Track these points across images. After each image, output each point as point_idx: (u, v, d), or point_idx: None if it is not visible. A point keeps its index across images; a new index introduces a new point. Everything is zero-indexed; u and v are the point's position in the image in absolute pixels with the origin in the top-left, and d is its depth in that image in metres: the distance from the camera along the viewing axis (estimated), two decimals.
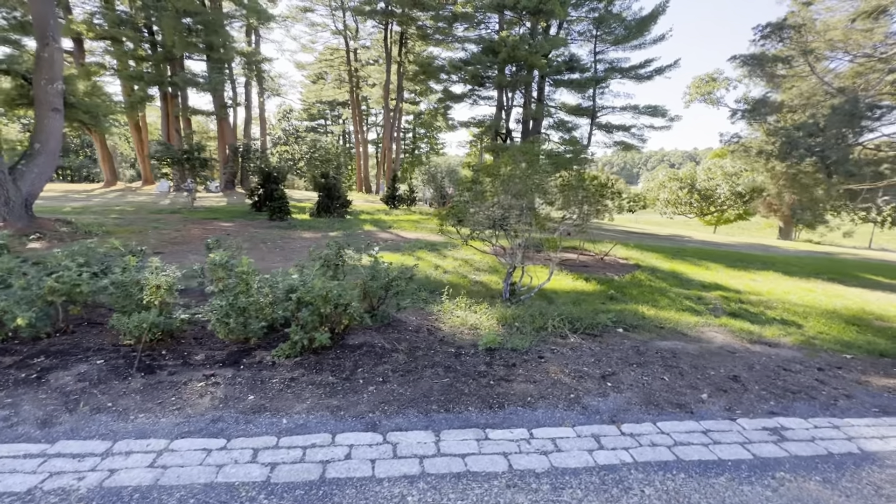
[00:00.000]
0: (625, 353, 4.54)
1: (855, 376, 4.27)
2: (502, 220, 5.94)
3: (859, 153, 6.55)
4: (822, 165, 6.31)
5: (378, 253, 9.85)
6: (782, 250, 20.22)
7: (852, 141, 5.89)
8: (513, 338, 4.72)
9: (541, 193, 5.92)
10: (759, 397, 3.55)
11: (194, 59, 28.16)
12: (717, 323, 6.16)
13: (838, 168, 6.22)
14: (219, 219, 14.46)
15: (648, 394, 3.48)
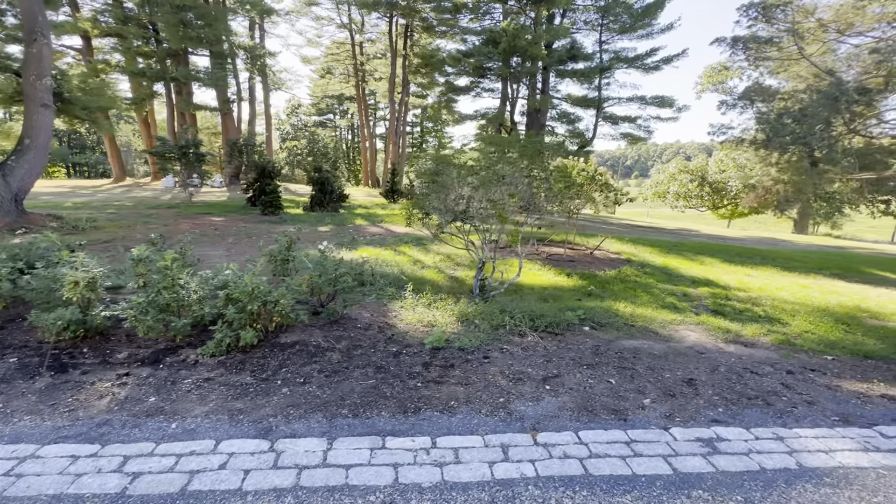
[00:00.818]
0: (580, 354, 4.30)
1: (827, 380, 3.96)
2: (464, 213, 5.71)
3: (848, 140, 6.07)
4: (805, 153, 5.89)
5: (361, 248, 9.68)
6: (792, 244, 19.49)
7: (840, 128, 5.46)
8: (464, 336, 4.52)
9: (507, 186, 5.67)
10: (708, 403, 3.28)
11: (198, 54, 28.35)
12: (694, 321, 5.86)
13: (822, 156, 5.79)
14: (212, 214, 14.48)
15: (587, 398, 3.25)
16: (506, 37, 19.85)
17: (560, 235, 11.96)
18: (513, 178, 5.55)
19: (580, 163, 8.68)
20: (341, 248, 9.76)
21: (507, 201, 5.50)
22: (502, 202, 5.46)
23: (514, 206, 5.82)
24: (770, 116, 6.51)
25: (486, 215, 5.66)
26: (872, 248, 20.18)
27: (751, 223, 53.18)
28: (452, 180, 5.61)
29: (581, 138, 28.28)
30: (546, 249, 10.43)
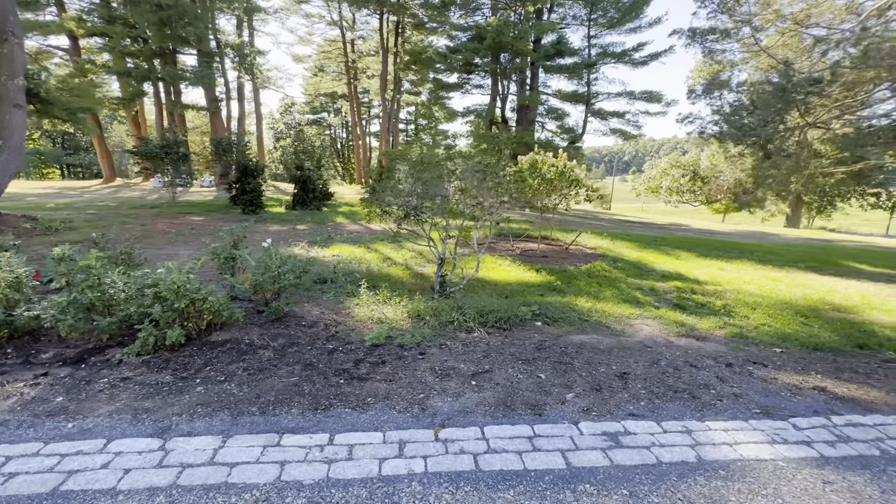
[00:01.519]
0: (522, 349, 4.28)
1: (765, 373, 3.94)
2: (416, 209, 5.67)
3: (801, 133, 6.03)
4: (759, 146, 5.85)
5: (335, 246, 9.62)
6: (779, 238, 19.48)
7: (797, 120, 5.41)
8: (408, 333, 4.49)
9: (459, 181, 5.64)
10: (632, 397, 3.26)
11: (186, 53, 28.23)
12: (653, 315, 5.84)
13: (774, 148, 5.75)
14: (193, 213, 14.44)
15: (510, 394, 3.22)
16: (491, 32, 19.76)
17: (540, 231, 11.94)
18: (463, 173, 5.51)
19: (550, 158, 8.63)
20: (313, 247, 9.77)
21: (457, 197, 5.47)
22: (453, 198, 5.42)
23: (470, 202, 5.78)
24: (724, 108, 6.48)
25: (437, 211, 5.62)
26: (861, 241, 20.16)
27: (746, 218, 53.16)
28: (404, 175, 5.57)
29: (571, 134, 28.23)
30: (521, 245, 10.40)
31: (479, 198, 5.64)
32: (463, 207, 5.67)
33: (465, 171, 5.41)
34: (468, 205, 5.65)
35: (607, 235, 12.70)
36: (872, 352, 4.78)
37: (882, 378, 3.92)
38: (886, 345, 4.97)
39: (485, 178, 5.67)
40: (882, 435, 2.73)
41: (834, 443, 2.62)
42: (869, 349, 4.87)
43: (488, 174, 5.60)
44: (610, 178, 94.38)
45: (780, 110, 5.13)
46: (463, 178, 5.52)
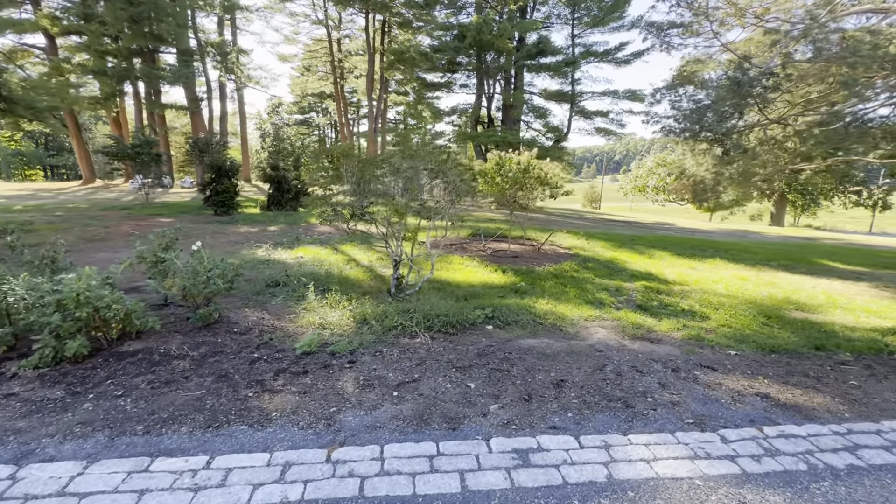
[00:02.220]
0: (462, 355, 4.08)
1: (712, 378, 3.77)
2: (362, 209, 5.46)
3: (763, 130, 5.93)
4: (716, 142, 5.74)
5: (301, 247, 9.36)
6: (760, 236, 19.52)
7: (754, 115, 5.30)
8: (346, 339, 4.28)
9: (405, 180, 5.43)
10: (562, 408, 3.07)
11: (165, 52, 27.76)
12: (612, 317, 5.67)
13: (731, 145, 5.63)
14: (164, 215, 14.09)
15: (430, 406, 3.02)
16: (471, 31, 19.57)
17: (511, 231, 11.76)
18: (407, 172, 5.30)
19: (515, 156, 8.45)
20: (277, 248, 9.51)
21: (402, 197, 5.26)
22: (398, 197, 5.22)
23: (415, 202, 5.57)
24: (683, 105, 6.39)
25: (382, 211, 5.41)
26: (842, 239, 20.25)
27: (734, 216, 53.56)
28: (350, 174, 5.36)
29: (557, 133, 28.14)
30: (494, 245, 10.21)
31: (426, 197, 5.43)
32: (409, 207, 5.46)
33: (407, 171, 5.21)
34: (411, 205, 5.44)
35: (584, 235, 12.56)
36: (829, 353, 4.64)
37: (831, 382, 3.77)
38: (844, 345, 4.83)
39: (436, 178, 5.47)
40: (813, 447, 2.56)
41: (760, 457, 2.45)
42: (826, 350, 4.73)
43: (438, 174, 5.39)
44: (601, 177, 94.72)
45: (737, 105, 4.99)
46: (410, 178, 5.31)
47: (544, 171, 8.31)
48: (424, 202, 5.56)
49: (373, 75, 33.74)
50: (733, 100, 5.06)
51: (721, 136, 5.51)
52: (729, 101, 5.15)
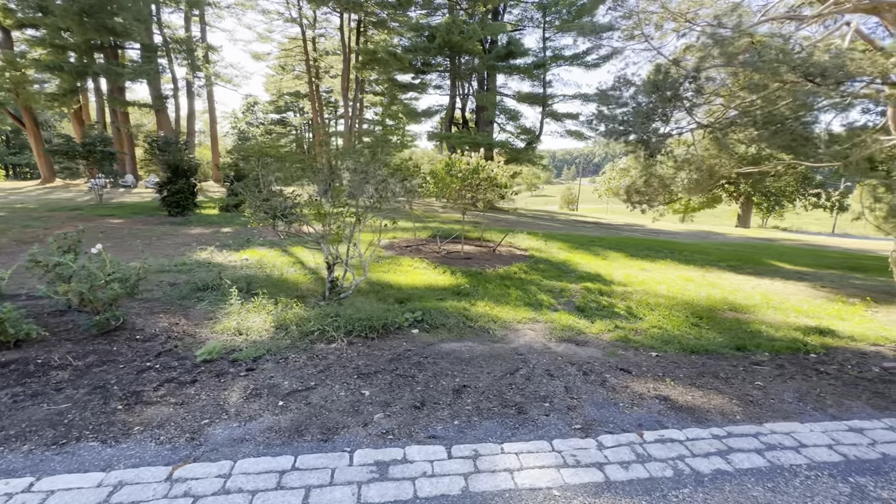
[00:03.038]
0: (373, 360, 3.96)
1: (623, 381, 3.74)
2: (283, 211, 5.30)
3: (693, 133, 6.05)
4: (640, 145, 5.81)
5: (250, 249, 9.05)
6: (723, 238, 19.99)
7: (678, 116, 5.38)
8: (254, 346, 4.11)
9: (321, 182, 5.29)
10: (452, 415, 2.98)
11: (130, 48, 26.88)
12: (546, 319, 5.63)
13: (653, 147, 5.71)
14: (115, 216, 13.58)
15: (313, 416, 2.89)
16: (440, 31, 19.51)
17: (464, 232, 11.70)
18: (321, 173, 5.16)
19: (465, 156, 8.39)
20: (223, 250, 9.23)
21: (321, 197, 5.12)
22: (318, 198, 5.07)
23: (339, 202, 5.44)
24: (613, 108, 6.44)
25: (308, 211, 5.26)
26: (801, 240, 20.90)
27: (707, 217, 54.85)
28: (268, 174, 5.19)
29: (529, 135, 28.32)
30: (450, 247, 10.12)
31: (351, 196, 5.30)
32: (334, 207, 5.33)
33: (321, 172, 5.07)
34: (338, 203, 5.30)
35: (544, 237, 12.60)
36: (748, 354, 4.68)
37: (737, 383, 3.79)
38: (765, 345, 4.89)
39: (366, 179, 5.34)
40: (686, 452, 2.52)
41: (629, 464, 2.39)
42: (746, 351, 4.77)
43: (369, 174, 5.27)
44: (580, 179, 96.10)
45: (654, 110, 5.04)
46: (324, 180, 5.17)
47: (494, 173, 8.26)
48: (346, 202, 5.43)
49: (348, 75, 33.40)
50: (655, 102, 5.10)
51: (644, 139, 5.56)
52: (648, 104, 5.18)
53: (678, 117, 5.78)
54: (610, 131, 5.92)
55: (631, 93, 5.45)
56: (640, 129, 5.46)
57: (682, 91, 5.08)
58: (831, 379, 3.98)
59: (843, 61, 3.82)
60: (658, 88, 5.11)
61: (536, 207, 40.80)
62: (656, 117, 5.34)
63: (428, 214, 17.72)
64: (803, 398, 3.51)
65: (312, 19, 38.89)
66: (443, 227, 13.12)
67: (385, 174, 5.38)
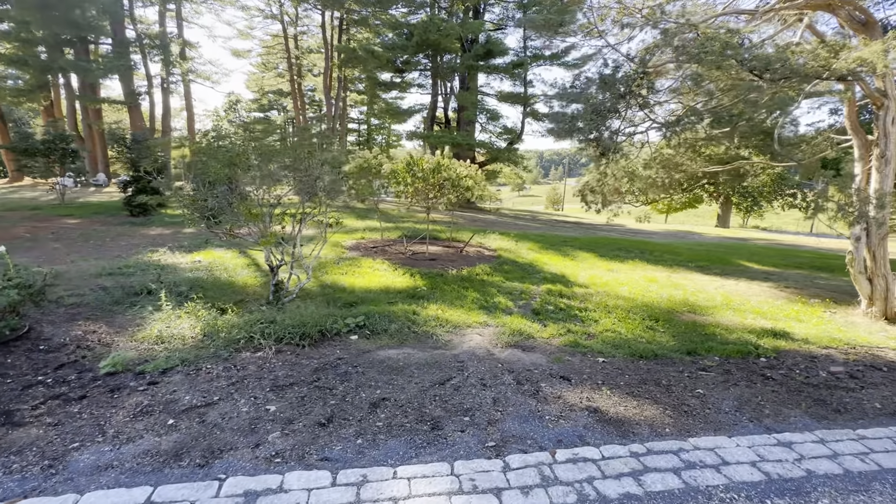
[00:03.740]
0: (296, 371, 3.70)
1: (558, 390, 3.54)
2: (212, 211, 5.01)
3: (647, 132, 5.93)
4: (591, 142, 5.66)
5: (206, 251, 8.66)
6: (700, 237, 20.07)
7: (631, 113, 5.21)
8: (170, 356, 3.83)
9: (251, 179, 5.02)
10: (357, 433, 2.74)
11: (103, 43, 26.10)
12: (498, 322, 5.43)
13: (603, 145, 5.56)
14: (73, 216, 13.05)
15: (196, 436, 2.62)
16: (418, 29, 19.25)
17: (455, 233, 11.48)
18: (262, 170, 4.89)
19: (428, 154, 8.15)
20: (176, 252, 8.86)
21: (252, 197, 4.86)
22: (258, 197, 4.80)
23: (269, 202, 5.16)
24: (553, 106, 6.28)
25: (236, 212, 4.98)
26: (774, 240, 21.09)
27: (690, 217, 55.45)
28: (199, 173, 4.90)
29: (511, 134, 28.21)
30: (416, 248, 9.88)
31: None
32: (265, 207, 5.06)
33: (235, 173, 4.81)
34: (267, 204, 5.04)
35: (515, 237, 12.43)
36: (698, 358, 4.53)
37: (678, 391, 3.61)
38: (717, 349, 4.74)
39: (305, 176, 5.07)
40: (597, 473, 2.32)
41: (531, 489, 2.18)
42: (696, 355, 4.62)
43: (303, 172, 5.01)
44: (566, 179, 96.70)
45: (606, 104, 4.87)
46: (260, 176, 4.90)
47: (458, 173, 8.04)
48: (281, 200, 5.16)
49: (330, 73, 32.94)
50: (608, 99, 4.94)
51: (595, 137, 5.40)
52: (601, 101, 5.02)
53: (638, 116, 5.61)
54: (561, 129, 5.75)
55: (589, 90, 5.26)
56: (590, 127, 5.28)
57: (635, 87, 4.92)
58: (776, 385, 3.84)
59: (785, 55, 3.68)
60: (608, 84, 4.93)
61: (522, 207, 40.75)
62: (608, 114, 5.16)
63: (405, 215, 17.46)
64: (742, 407, 3.34)
65: (294, 16, 38.36)
66: (416, 228, 12.87)
67: (319, 172, 5.12)
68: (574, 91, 5.58)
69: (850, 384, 3.88)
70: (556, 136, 5.82)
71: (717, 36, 3.96)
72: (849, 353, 4.72)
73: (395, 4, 28.01)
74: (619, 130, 5.58)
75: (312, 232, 11.93)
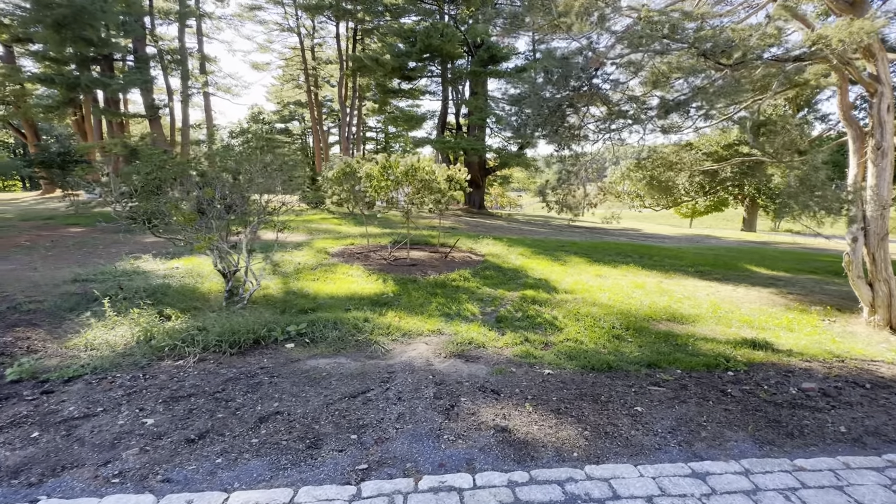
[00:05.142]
0: (205, 380, 3.52)
1: (477, 406, 3.22)
2: (148, 216, 4.94)
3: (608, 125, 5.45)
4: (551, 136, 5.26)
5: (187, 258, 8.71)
6: (716, 241, 19.11)
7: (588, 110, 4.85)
8: (87, 363, 3.72)
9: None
10: (224, 451, 2.51)
11: (128, 60, 27.29)
12: (452, 331, 5.14)
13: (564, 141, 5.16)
14: (79, 224, 13.50)
15: (49, 453, 2.45)
16: (420, 36, 19.21)
17: (447, 238, 11.25)
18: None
19: (405, 158, 7.95)
20: (158, 258, 8.93)
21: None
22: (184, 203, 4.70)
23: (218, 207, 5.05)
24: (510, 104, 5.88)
25: (178, 217, 4.89)
26: (801, 244, 19.87)
27: (718, 220, 53.35)
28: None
29: (524, 139, 27.78)
30: (400, 253, 9.66)
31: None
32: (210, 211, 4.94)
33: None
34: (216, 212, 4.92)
35: (509, 241, 12.07)
36: (656, 371, 4.11)
37: (614, 408, 3.24)
38: (682, 361, 4.31)
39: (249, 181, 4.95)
40: None
41: None
42: (657, 368, 4.20)
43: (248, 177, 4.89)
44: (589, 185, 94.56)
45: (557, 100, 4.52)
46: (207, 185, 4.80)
47: (434, 175, 7.81)
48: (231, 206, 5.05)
49: (344, 82, 33.47)
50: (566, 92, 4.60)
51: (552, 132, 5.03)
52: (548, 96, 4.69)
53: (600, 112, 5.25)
54: (521, 124, 5.43)
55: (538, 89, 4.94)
56: (548, 122, 4.94)
57: (595, 78, 4.58)
58: (732, 403, 3.40)
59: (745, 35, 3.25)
60: (565, 77, 4.59)
61: (534, 213, 40.05)
62: (566, 108, 4.82)
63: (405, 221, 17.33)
64: (677, 429, 2.95)
65: (311, 28, 39.23)
66: (413, 234, 12.70)
67: (254, 173, 4.99)
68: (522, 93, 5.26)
69: (819, 403, 3.41)
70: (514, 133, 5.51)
71: (661, 21, 3.59)
72: (832, 367, 4.20)
73: (406, 14, 28.28)
74: (577, 124, 5.21)
75: (301, 238, 11.92)
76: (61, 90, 24.13)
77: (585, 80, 4.66)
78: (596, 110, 5.36)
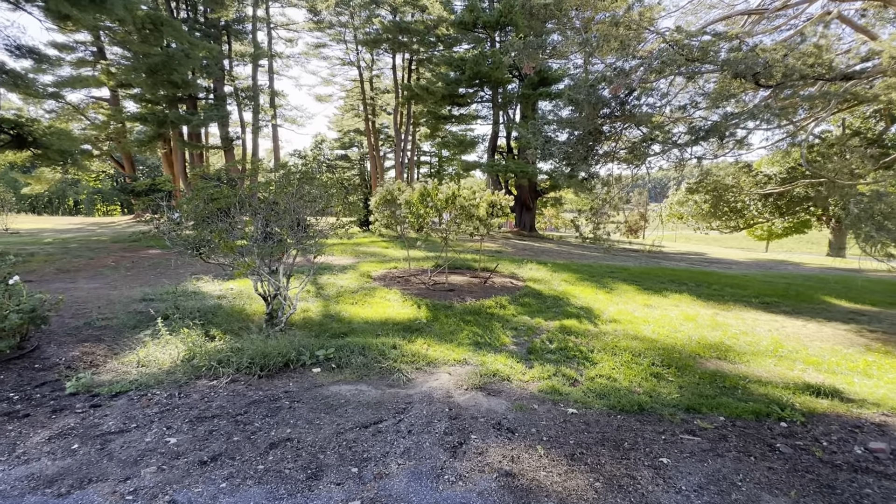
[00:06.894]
0: (233, 402, 3.71)
1: (484, 445, 3.12)
2: (197, 243, 5.35)
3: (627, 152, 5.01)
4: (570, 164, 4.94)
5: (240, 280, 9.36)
6: (794, 268, 17.35)
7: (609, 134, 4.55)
8: (137, 380, 4.07)
9: None
10: (230, 475, 2.61)
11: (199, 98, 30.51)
12: (478, 361, 5.05)
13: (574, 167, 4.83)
14: (156, 247, 15.01)
15: (82, 465, 2.68)
16: (469, 63, 19.72)
17: (485, 262, 11.22)
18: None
19: (444, 185, 8.07)
20: (217, 279, 9.65)
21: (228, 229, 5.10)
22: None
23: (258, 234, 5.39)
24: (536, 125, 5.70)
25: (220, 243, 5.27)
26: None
27: (799, 243, 48.48)
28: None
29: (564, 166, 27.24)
30: (440, 278, 9.71)
31: None
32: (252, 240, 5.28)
33: None
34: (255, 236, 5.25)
35: (554, 266, 11.74)
36: (695, 416, 3.76)
37: (636, 458, 2.99)
38: (728, 407, 3.90)
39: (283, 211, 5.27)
40: None
41: None
42: (696, 413, 3.84)
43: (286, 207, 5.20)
44: (652, 204, 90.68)
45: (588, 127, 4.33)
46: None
47: (474, 201, 7.85)
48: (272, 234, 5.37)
49: (399, 109, 35.03)
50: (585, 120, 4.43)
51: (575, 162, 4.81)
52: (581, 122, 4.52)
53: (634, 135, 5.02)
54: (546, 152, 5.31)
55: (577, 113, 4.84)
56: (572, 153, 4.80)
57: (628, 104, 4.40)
58: (779, 461, 3.01)
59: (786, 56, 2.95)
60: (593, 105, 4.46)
61: None
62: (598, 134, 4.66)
63: (452, 244, 17.47)
64: (705, 487, 2.65)
65: (370, 61, 41.60)
66: (458, 258, 12.77)
67: (297, 205, 5.28)
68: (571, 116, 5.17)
69: (890, 469, 2.92)
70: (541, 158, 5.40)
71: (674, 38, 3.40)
72: None
73: (458, 44, 29.26)
74: (610, 153, 5.01)
75: (348, 261, 12.37)
76: (152, 126, 27.34)
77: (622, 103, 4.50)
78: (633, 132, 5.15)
